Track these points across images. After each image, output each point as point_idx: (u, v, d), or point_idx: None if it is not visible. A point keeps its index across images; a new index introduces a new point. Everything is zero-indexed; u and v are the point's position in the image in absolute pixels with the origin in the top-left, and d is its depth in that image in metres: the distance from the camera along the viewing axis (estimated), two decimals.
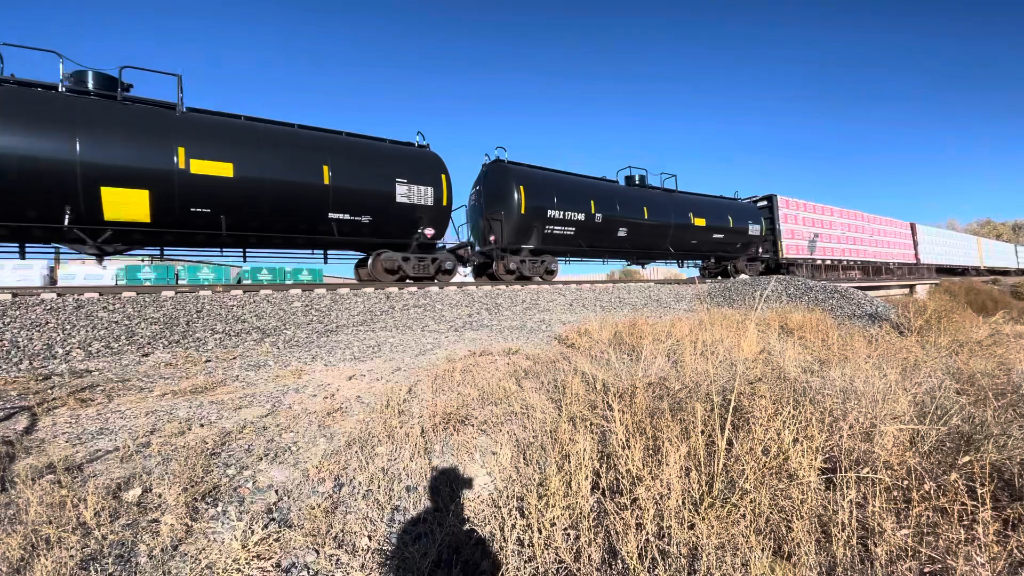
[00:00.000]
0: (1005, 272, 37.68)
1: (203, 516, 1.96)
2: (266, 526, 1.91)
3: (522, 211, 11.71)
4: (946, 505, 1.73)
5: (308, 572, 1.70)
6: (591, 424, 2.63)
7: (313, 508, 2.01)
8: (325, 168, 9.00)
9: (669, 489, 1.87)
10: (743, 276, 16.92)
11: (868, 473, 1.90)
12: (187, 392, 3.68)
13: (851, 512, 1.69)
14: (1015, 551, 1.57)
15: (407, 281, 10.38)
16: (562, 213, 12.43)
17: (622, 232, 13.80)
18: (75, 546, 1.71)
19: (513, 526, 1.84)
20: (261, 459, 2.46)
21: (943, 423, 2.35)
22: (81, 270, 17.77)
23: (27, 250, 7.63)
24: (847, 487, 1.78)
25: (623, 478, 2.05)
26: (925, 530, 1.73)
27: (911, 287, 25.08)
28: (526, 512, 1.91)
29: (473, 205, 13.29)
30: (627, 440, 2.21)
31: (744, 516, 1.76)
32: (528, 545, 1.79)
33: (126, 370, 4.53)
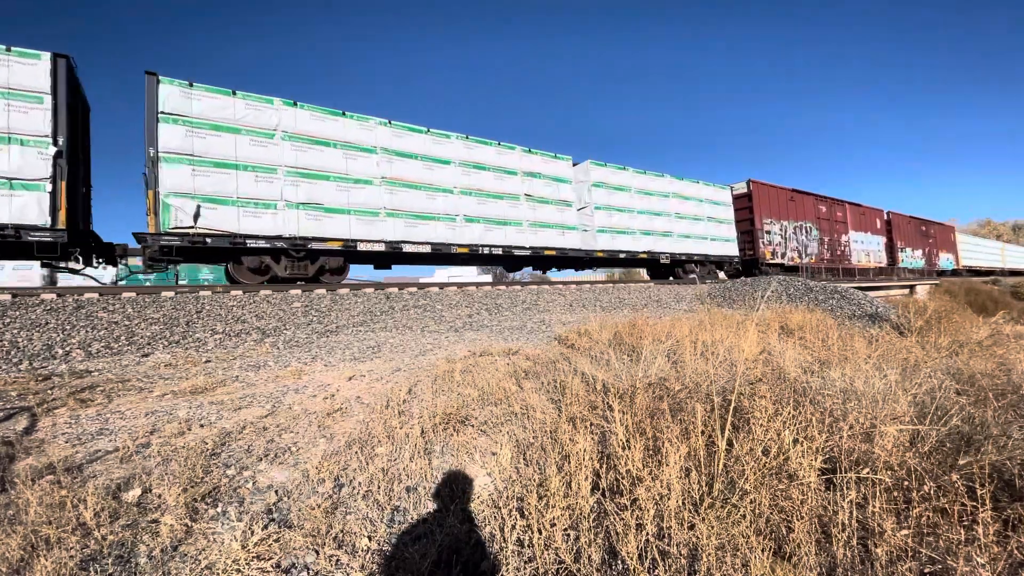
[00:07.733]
0: (1020, 272, 41.28)
1: (203, 517, 1.95)
2: (266, 526, 1.91)
3: None
4: (946, 506, 1.73)
5: (308, 572, 1.70)
6: (591, 424, 2.63)
7: (313, 508, 2.01)
8: None
9: (669, 489, 1.87)
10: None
11: (868, 474, 1.89)
12: (187, 392, 3.67)
13: (851, 512, 1.69)
14: (1015, 551, 1.57)
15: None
16: None
17: None
18: (75, 546, 1.71)
19: (513, 527, 1.84)
20: (261, 459, 2.46)
21: (943, 424, 2.35)
22: None
23: None
24: (847, 487, 1.78)
25: (623, 478, 2.05)
26: (925, 531, 1.73)
27: (911, 287, 25.08)
28: (526, 513, 1.91)
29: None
30: (627, 440, 2.21)
31: (744, 517, 1.76)
32: (528, 546, 1.79)
33: (126, 370, 4.53)
